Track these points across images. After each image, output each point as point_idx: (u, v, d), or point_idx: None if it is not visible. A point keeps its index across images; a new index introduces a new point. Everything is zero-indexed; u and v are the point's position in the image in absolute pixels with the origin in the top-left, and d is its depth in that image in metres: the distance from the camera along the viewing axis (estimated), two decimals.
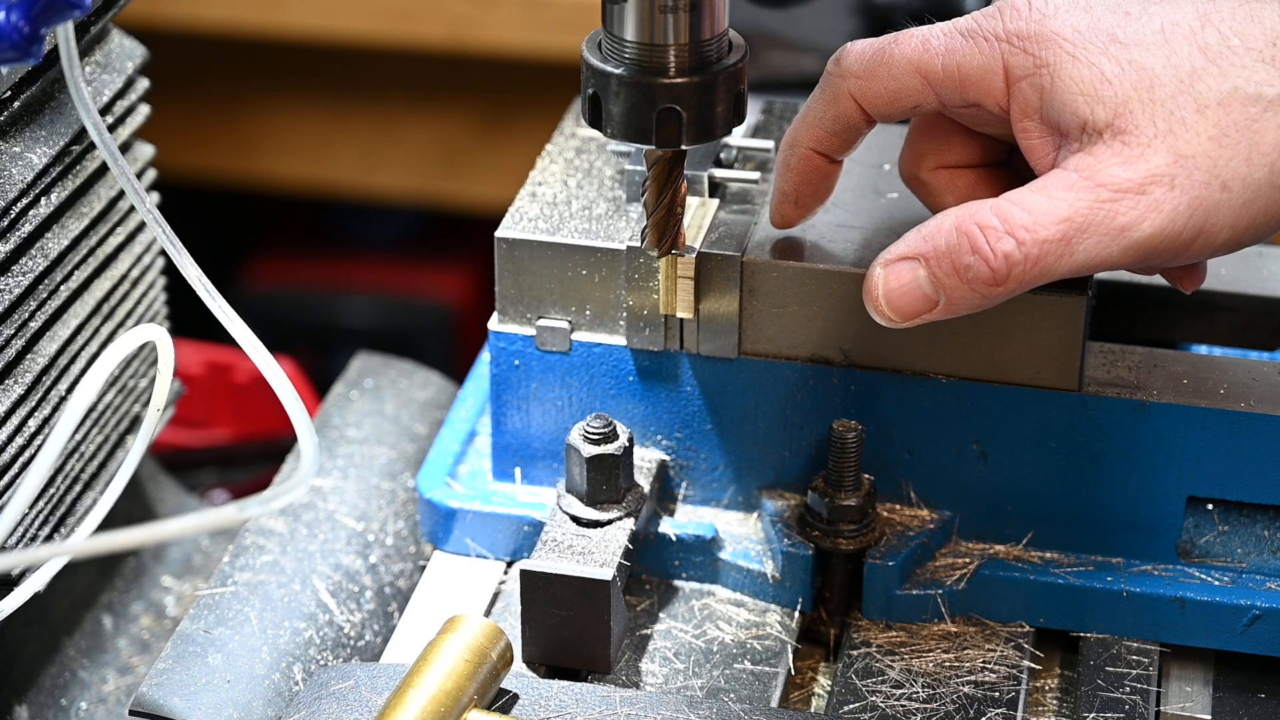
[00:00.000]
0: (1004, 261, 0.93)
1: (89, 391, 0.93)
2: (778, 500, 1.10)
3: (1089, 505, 1.07)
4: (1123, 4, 0.95)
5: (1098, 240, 0.93)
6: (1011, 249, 0.93)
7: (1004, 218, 0.93)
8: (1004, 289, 0.94)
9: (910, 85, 0.99)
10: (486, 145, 2.39)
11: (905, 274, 0.96)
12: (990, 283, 0.94)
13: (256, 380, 1.59)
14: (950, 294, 0.95)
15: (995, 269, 0.93)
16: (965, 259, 0.94)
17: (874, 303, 0.97)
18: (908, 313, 0.97)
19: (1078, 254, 0.93)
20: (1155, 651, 1.05)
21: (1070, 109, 0.94)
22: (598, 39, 0.99)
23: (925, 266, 0.95)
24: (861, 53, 1.01)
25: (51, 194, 1.07)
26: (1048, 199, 0.93)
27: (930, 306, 0.96)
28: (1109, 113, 0.93)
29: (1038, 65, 0.95)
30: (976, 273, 0.94)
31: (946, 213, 0.96)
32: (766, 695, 1.03)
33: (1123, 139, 0.93)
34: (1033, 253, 0.93)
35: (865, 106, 1.01)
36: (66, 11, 0.88)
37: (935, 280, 0.95)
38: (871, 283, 0.97)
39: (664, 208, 1.03)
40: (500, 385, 1.11)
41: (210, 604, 1.08)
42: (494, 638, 0.97)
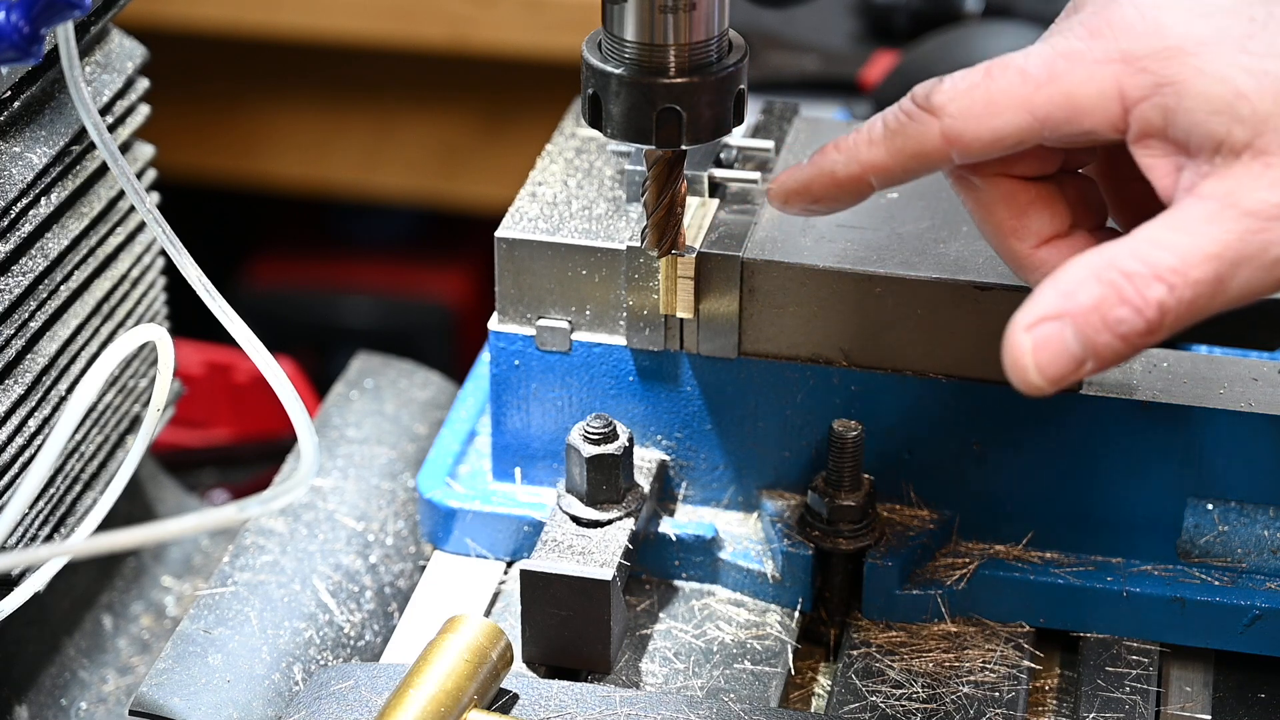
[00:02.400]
0: (1157, 310, 0.84)
1: (89, 391, 0.93)
2: (778, 500, 1.10)
3: (1089, 505, 1.07)
4: (1244, 8, 0.86)
5: (1252, 273, 0.84)
6: (1163, 295, 0.84)
7: (1148, 262, 0.84)
8: (1157, 337, 0.86)
9: (1015, 123, 0.90)
10: (486, 145, 2.39)
11: (1053, 338, 0.85)
12: (1144, 333, 0.85)
13: (256, 380, 1.59)
14: (1100, 350, 0.85)
15: (1150, 319, 0.84)
16: (1116, 312, 0.85)
17: (1021, 373, 0.86)
18: (1057, 378, 0.86)
19: (1231, 290, 0.85)
20: (1155, 651, 1.05)
21: (1203, 129, 0.85)
22: (598, 39, 0.99)
23: (1072, 325, 0.85)
24: (954, 89, 0.91)
25: (51, 194, 1.07)
26: (1191, 236, 0.85)
27: (1078, 366, 0.86)
28: (1249, 131, 0.84)
29: (1159, 84, 0.86)
30: (1130, 325, 0.85)
31: (1076, 263, 0.86)
32: (766, 695, 1.03)
33: (1265, 160, 0.84)
34: (1185, 295, 0.84)
35: (959, 148, 0.91)
36: (66, 11, 0.88)
37: (1084, 338, 0.85)
38: (1017, 351, 0.86)
39: (664, 208, 1.03)
40: (500, 385, 1.11)
41: (210, 604, 1.08)
42: (494, 638, 0.97)
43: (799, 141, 1.16)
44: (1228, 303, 0.85)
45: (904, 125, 0.92)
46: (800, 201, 0.97)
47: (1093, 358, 0.85)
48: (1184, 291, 0.84)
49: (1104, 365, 0.86)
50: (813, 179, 0.96)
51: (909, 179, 0.94)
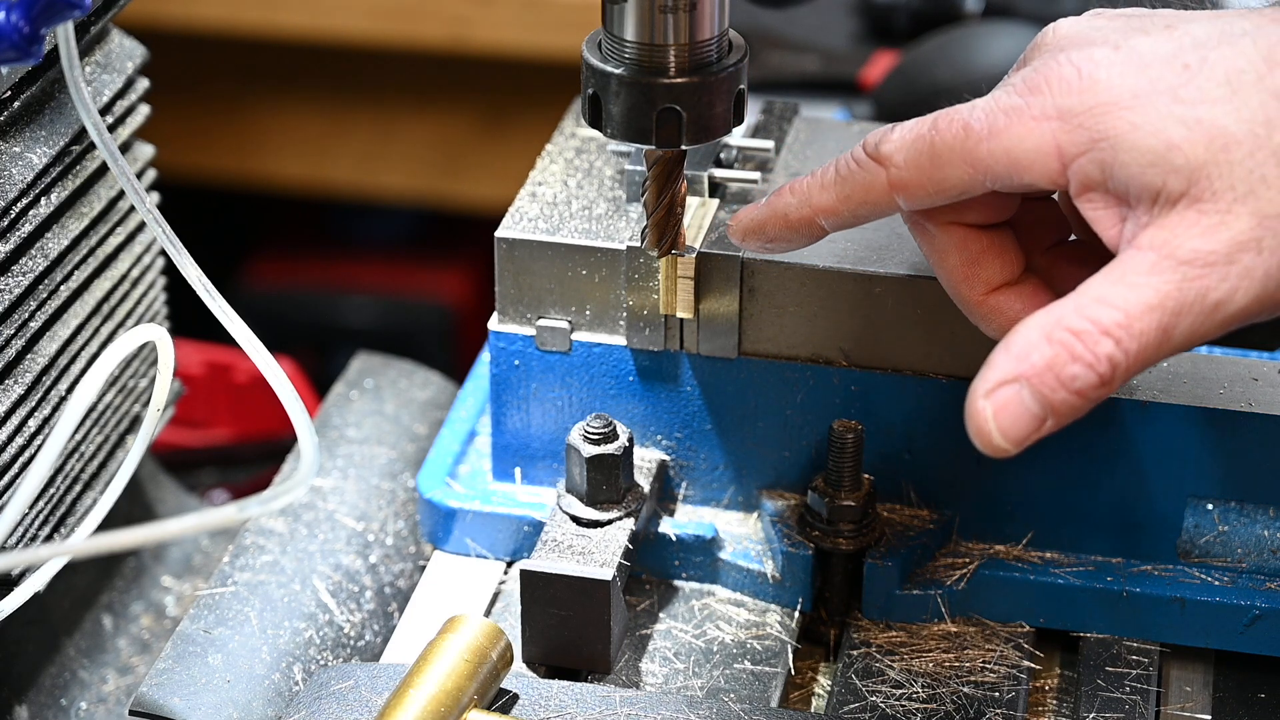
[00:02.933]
0: (1108, 364, 0.86)
1: (89, 391, 0.93)
2: (778, 500, 1.10)
3: (1089, 505, 1.07)
4: (1179, 55, 0.88)
5: (1193, 320, 0.86)
6: (1112, 350, 0.86)
7: (1094, 319, 0.87)
8: (1112, 388, 0.87)
9: (957, 175, 0.92)
10: (486, 145, 2.39)
11: (1011, 401, 0.87)
12: (1098, 385, 0.87)
13: (256, 380, 1.59)
14: (1058, 407, 0.87)
15: (1102, 373, 0.86)
16: (1069, 370, 0.87)
17: (985, 437, 0.88)
18: (1020, 438, 0.88)
19: (1175, 338, 0.86)
20: (1155, 651, 1.05)
21: (1139, 181, 0.87)
22: (598, 39, 0.99)
23: (1029, 387, 0.87)
24: (902, 139, 0.93)
25: (51, 194, 1.07)
26: (1132, 289, 0.87)
27: (1040, 424, 0.88)
28: (1183, 181, 0.86)
29: (1095, 139, 0.88)
30: (1085, 381, 0.87)
31: (1027, 324, 0.88)
32: (766, 695, 1.03)
33: (1199, 207, 0.86)
34: (1132, 348, 0.86)
35: (904, 196, 0.94)
36: (66, 11, 0.88)
37: (1041, 398, 0.87)
38: (979, 418, 0.88)
39: (664, 208, 1.03)
40: (500, 385, 1.11)
41: (210, 604, 1.08)
42: (494, 638, 0.97)
43: (799, 141, 1.16)
44: (1173, 350, 0.87)
45: (853, 173, 0.95)
46: (756, 240, 1.01)
47: (1052, 415, 0.88)
48: (1130, 344, 0.86)
49: (1064, 420, 0.88)
50: (767, 220, 0.99)
51: (858, 223, 0.97)
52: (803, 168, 1.13)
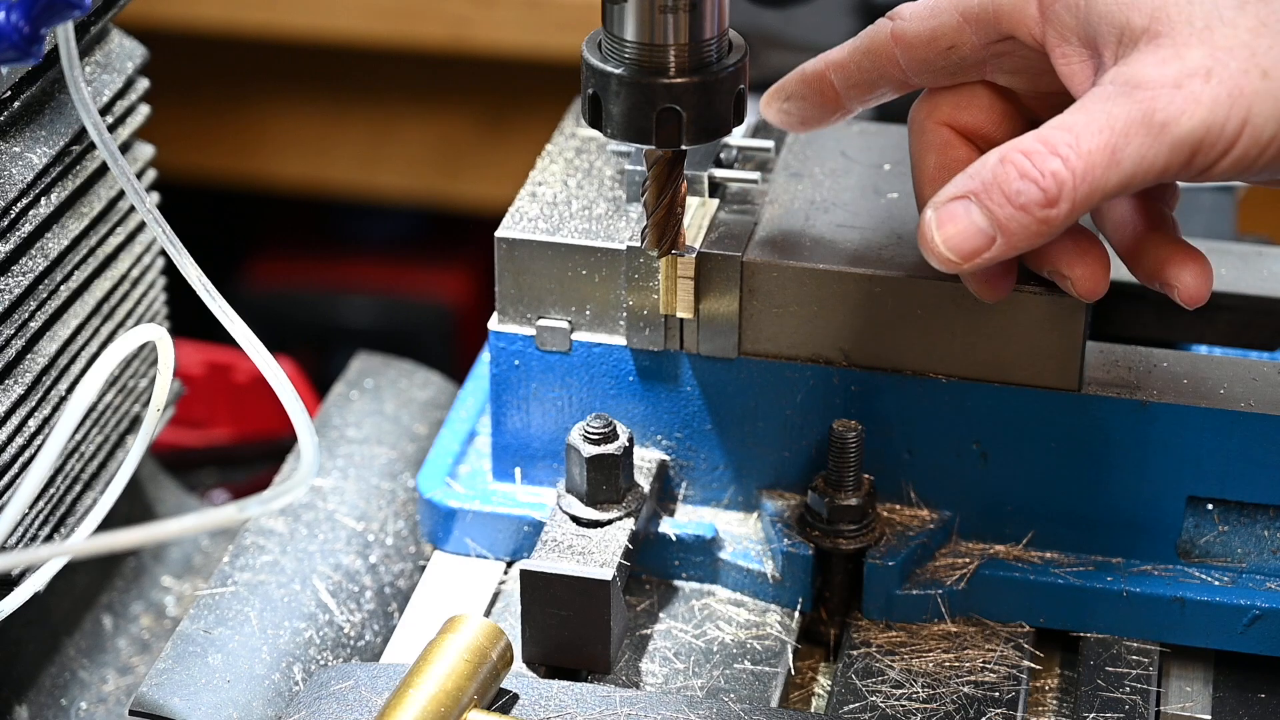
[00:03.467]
0: (1053, 180, 0.91)
1: (89, 391, 0.93)
2: (778, 500, 1.10)
3: (1089, 505, 1.07)
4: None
5: (1141, 142, 0.91)
6: (1058, 167, 0.91)
7: (1046, 141, 0.92)
8: (1057, 211, 0.92)
9: (948, 23, 1.00)
10: (486, 145, 2.39)
11: (959, 213, 0.93)
12: (1043, 204, 0.91)
13: (256, 380, 1.59)
14: (1005, 226, 0.93)
15: (1045, 188, 0.91)
16: (1014, 185, 0.92)
17: (931, 247, 0.94)
18: (966, 252, 0.94)
19: (1124, 161, 0.91)
20: (1155, 651, 1.05)
21: (1106, 20, 0.93)
22: (598, 39, 0.99)
23: (976, 202, 0.93)
24: (909, 3, 1.02)
25: (51, 194, 1.07)
26: (1086, 114, 0.92)
27: (988, 243, 0.93)
28: (1145, 17, 0.92)
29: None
30: (1028, 197, 0.92)
31: (990, 152, 0.94)
32: (766, 695, 1.03)
33: (1158, 41, 0.92)
34: (1079, 166, 0.91)
35: (901, 47, 1.01)
36: (66, 11, 0.88)
37: (989, 213, 0.93)
38: (926, 229, 0.95)
39: (664, 208, 1.03)
40: (500, 385, 1.11)
41: (210, 604, 1.08)
42: (494, 638, 0.97)
43: (799, 141, 1.16)
44: (1124, 178, 0.91)
45: (866, 30, 1.03)
46: (776, 100, 1.06)
47: (1000, 233, 0.93)
48: (1077, 163, 0.91)
49: (1013, 244, 0.93)
50: (786, 78, 1.05)
51: (865, 85, 1.03)
52: (803, 168, 1.13)
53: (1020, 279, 1.02)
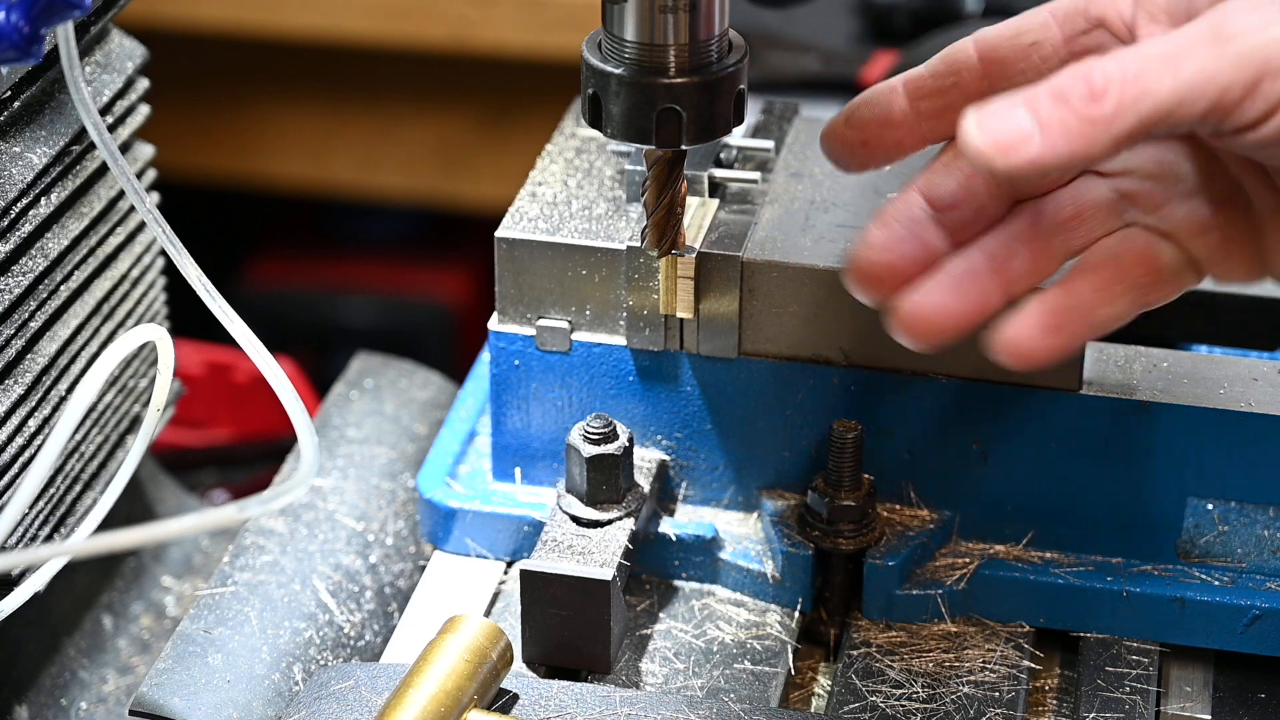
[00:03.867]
0: (1101, 76, 0.85)
1: (89, 391, 0.93)
2: (778, 500, 1.10)
3: (1089, 505, 1.07)
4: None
5: (1205, 52, 0.85)
6: (1111, 67, 0.85)
7: (1109, 55, 0.86)
8: (1102, 108, 0.85)
9: (1033, 20, 0.95)
10: (486, 145, 2.39)
11: (1000, 107, 0.86)
12: (1088, 98, 0.85)
13: (256, 380, 1.59)
14: (1046, 122, 0.85)
15: (1092, 83, 0.84)
16: (1062, 82, 0.85)
17: (966, 138, 0.85)
18: (1002, 143, 0.85)
19: (1183, 68, 0.85)
20: (1155, 651, 1.05)
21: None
22: (598, 39, 0.99)
23: (1022, 100, 0.85)
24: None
25: (51, 194, 1.07)
26: (1156, 41, 0.87)
27: (1025, 136, 0.85)
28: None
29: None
30: (1073, 92, 0.85)
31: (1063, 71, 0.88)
32: (766, 695, 1.03)
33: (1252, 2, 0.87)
34: (1132, 67, 0.85)
35: (982, 48, 0.96)
36: (66, 11, 0.88)
37: (1032, 110, 0.85)
38: (963, 125, 0.86)
39: (664, 208, 1.03)
40: (500, 385, 1.11)
41: (210, 604, 1.08)
42: (494, 638, 0.97)
43: (799, 141, 1.16)
44: (1180, 87, 0.85)
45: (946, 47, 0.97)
46: (838, 123, 0.98)
47: (1039, 130, 0.85)
48: (1131, 64, 0.85)
49: (1053, 144, 0.85)
50: (853, 101, 0.98)
51: (938, 97, 0.96)
52: (803, 168, 1.13)
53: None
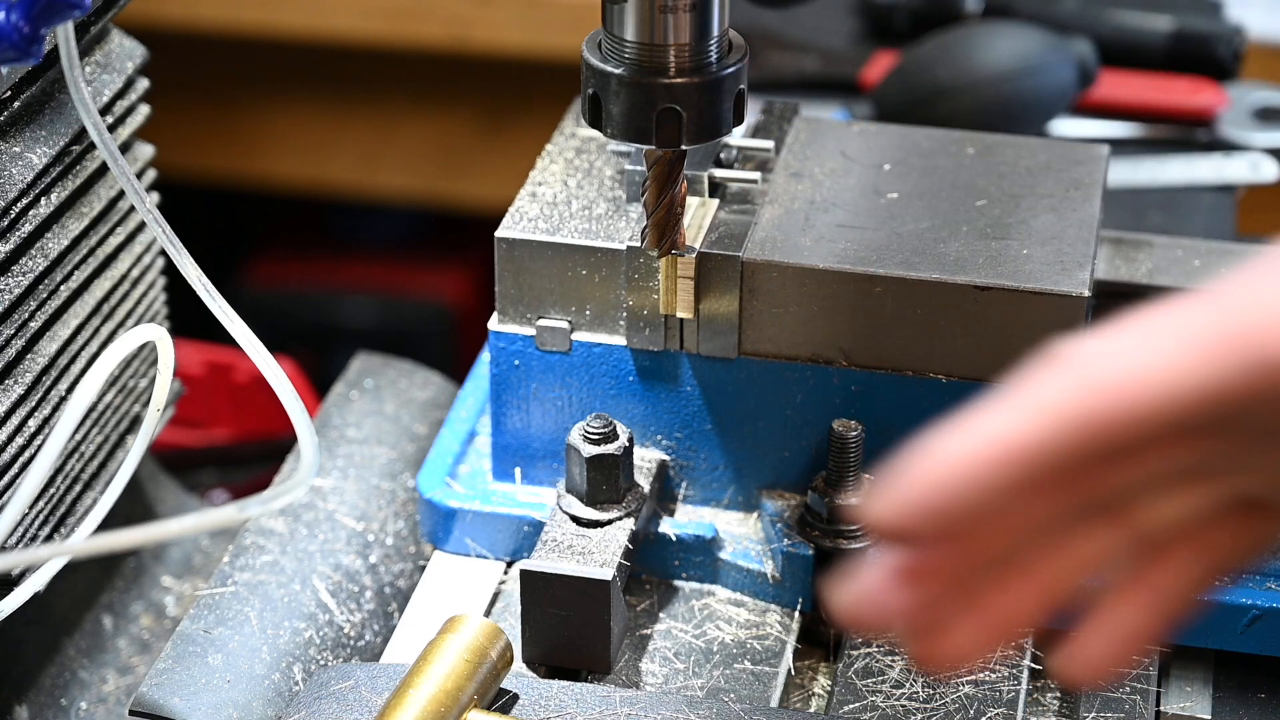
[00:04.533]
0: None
1: (89, 391, 0.93)
2: (778, 500, 1.10)
3: None
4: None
5: None
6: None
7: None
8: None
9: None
10: (486, 145, 2.39)
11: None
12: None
13: (256, 380, 1.59)
14: None
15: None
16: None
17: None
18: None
19: None
20: (1155, 651, 1.05)
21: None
22: (598, 39, 0.99)
23: None
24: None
25: (51, 194, 1.07)
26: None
27: None
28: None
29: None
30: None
31: None
32: (766, 695, 1.03)
33: None
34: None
35: None
36: (66, 11, 0.88)
37: None
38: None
39: (664, 208, 1.03)
40: (500, 385, 1.11)
41: (210, 604, 1.08)
42: (494, 638, 0.97)
43: (799, 141, 1.16)
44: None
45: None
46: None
47: None
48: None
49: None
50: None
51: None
52: (803, 168, 1.13)
53: None
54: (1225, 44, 1.57)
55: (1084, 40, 1.50)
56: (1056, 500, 0.72)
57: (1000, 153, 1.15)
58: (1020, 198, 1.11)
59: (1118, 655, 0.75)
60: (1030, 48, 1.46)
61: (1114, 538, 0.74)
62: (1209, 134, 1.52)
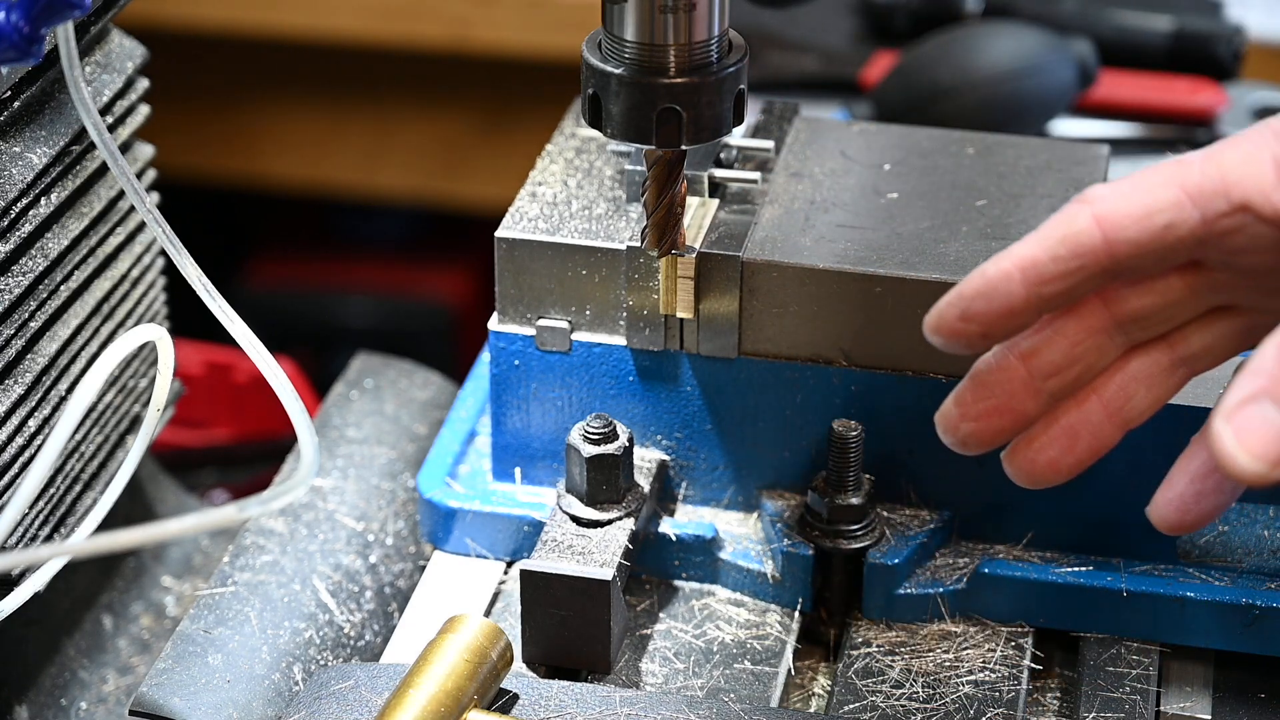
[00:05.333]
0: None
1: (89, 391, 0.93)
2: (778, 500, 1.10)
3: (1089, 505, 1.07)
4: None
5: None
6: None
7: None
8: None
9: (1164, 198, 0.87)
10: (486, 145, 2.40)
11: (1255, 418, 0.79)
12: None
13: (256, 380, 1.59)
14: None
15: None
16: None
17: (1232, 462, 0.80)
18: (1273, 457, 0.79)
19: None
20: (1155, 651, 1.05)
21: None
22: (598, 39, 0.99)
23: (1269, 399, 0.80)
24: (1109, 184, 0.89)
25: (51, 194, 1.07)
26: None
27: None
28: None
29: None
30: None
31: (1264, 345, 0.81)
32: (766, 695, 1.03)
33: None
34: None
35: (1108, 229, 0.87)
36: (66, 11, 0.88)
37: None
38: (1220, 443, 0.80)
39: (664, 208, 1.03)
40: (500, 385, 1.11)
41: (210, 604, 1.08)
42: (494, 638, 0.97)
43: (799, 141, 1.16)
44: None
45: (1057, 216, 0.89)
46: (950, 312, 0.90)
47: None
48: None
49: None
50: (963, 283, 0.90)
51: (1061, 281, 0.88)
52: (803, 168, 1.13)
53: None
54: (1225, 44, 1.57)
55: (1084, 40, 1.50)
56: (1088, 319, 0.91)
57: (1000, 153, 1.15)
58: (1020, 198, 1.11)
59: (1070, 448, 0.92)
60: (1030, 48, 1.46)
61: (1185, 377, 0.93)
62: (1209, 134, 1.52)
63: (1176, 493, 0.90)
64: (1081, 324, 0.92)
